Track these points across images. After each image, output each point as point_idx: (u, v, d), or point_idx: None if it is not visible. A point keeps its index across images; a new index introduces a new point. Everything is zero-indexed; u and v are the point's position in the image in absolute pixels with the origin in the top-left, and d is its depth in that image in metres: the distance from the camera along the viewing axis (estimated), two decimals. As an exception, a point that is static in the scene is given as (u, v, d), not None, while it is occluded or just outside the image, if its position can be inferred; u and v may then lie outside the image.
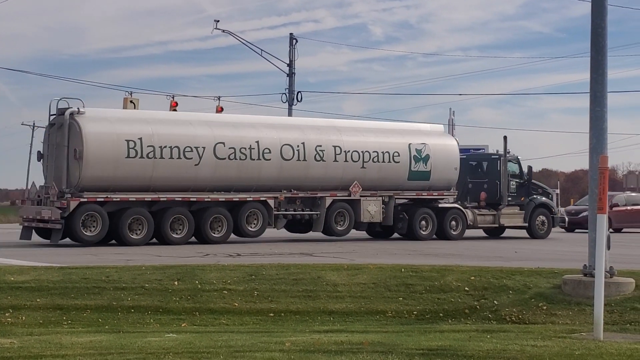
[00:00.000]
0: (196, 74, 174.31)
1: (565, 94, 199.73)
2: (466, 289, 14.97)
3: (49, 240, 25.07)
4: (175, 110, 36.44)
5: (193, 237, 26.13)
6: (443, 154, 30.29)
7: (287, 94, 48.72)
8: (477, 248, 25.98)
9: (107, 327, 12.79)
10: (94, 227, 24.60)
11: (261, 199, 26.73)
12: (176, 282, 15.33)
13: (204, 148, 25.83)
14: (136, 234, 25.03)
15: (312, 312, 14.19)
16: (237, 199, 26.41)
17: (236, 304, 14.48)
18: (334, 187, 28.16)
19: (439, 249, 25.18)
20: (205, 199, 25.94)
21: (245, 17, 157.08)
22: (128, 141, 24.81)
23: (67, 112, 24.63)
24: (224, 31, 48.69)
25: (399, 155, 29.67)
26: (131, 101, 41.67)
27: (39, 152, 26.41)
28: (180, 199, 25.55)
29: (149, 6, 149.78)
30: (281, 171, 27.17)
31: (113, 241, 25.46)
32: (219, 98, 46.99)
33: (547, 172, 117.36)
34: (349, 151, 28.40)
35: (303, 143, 27.57)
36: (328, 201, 27.86)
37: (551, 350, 9.07)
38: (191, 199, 25.71)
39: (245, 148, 26.53)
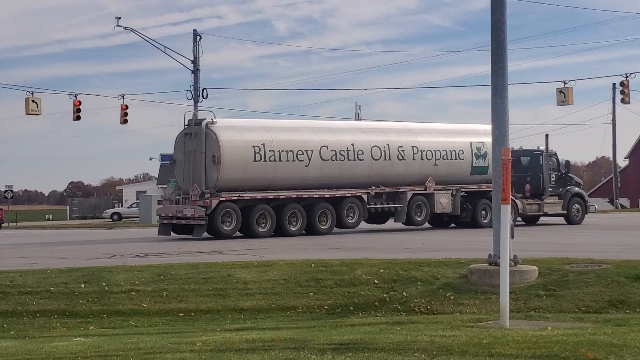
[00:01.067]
0: (99, 72, 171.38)
1: (468, 86, 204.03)
2: (375, 281, 15.11)
3: (187, 236, 28.73)
4: (79, 109, 36.27)
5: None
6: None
7: (192, 91, 48.27)
8: (384, 240, 26.25)
9: (12, 332, 12.48)
10: (229, 222, 28.40)
11: (357, 194, 30.72)
12: (82, 285, 15.05)
13: (312, 151, 29.86)
14: (262, 227, 28.75)
15: (222, 311, 14.12)
16: (339, 195, 30.36)
17: (145, 305, 14.30)
18: (413, 182, 32.14)
19: (347, 242, 25.35)
20: (314, 196, 29.88)
21: (147, 13, 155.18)
22: (254, 146, 28.72)
23: (204, 123, 28.55)
24: (125, 28, 47.94)
25: (463, 153, 33.72)
26: (33, 100, 40.46)
27: (172, 157, 30.28)
28: (295, 196, 29.51)
29: (47, 4, 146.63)
30: (371, 169, 31.13)
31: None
32: (122, 96, 46.43)
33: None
34: (424, 150, 32.51)
35: (388, 144, 31.61)
36: (409, 195, 31.93)
37: (459, 339, 9.21)
38: (303, 196, 29.71)
39: (343, 150, 30.57)
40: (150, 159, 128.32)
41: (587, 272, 14.52)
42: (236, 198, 28.33)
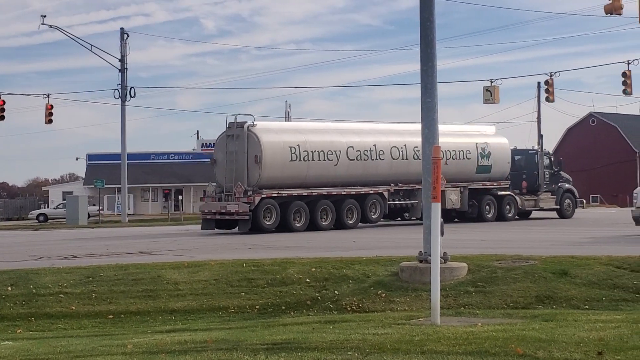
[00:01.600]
0: (24, 71, 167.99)
1: (397, 85, 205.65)
2: (307, 280, 15.13)
3: (228, 230, 30.69)
4: (3, 109, 35.87)
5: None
6: (499, 151, 37.56)
7: (120, 90, 47.65)
8: (316, 239, 26.30)
9: None
10: (269, 217, 30.74)
11: (379, 191, 33.42)
12: (9, 288, 14.74)
13: (340, 151, 32.53)
14: (297, 222, 31.23)
15: (153, 312, 13.97)
16: (363, 192, 32.97)
17: (74, 307, 14.06)
18: None
19: (279, 241, 25.32)
20: (342, 193, 32.38)
21: (73, 11, 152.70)
22: (290, 147, 31.26)
23: (246, 126, 30.95)
24: (51, 26, 47.17)
25: (470, 153, 36.56)
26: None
27: (212, 157, 32.74)
28: (325, 193, 31.97)
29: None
30: (391, 168, 33.87)
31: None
32: (48, 96, 45.65)
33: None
34: None
35: (405, 145, 34.28)
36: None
37: (391, 337, 9.27)
38: (332, 193, 32.15)
39: (367, 150, 33.31)
40: (77, 159, 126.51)
41: (515, 268, 14.76)
42: (275, 195, 30.78)
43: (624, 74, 38.19)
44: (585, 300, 13.16)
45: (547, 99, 44.26)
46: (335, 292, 14.49)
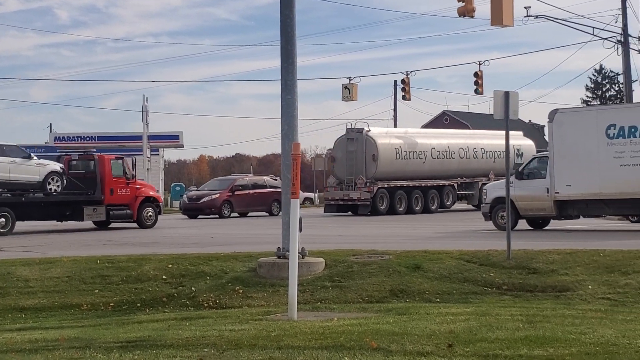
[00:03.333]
0: None
1: (256, 81, 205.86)
2: (164, 277, 14.94)
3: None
4: None
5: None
6: (528, 151, 43.60)
7: (-31, 79, 45.82)
8: (173, 236, 26.02)
9: None
10: (382, 203, 38.16)
11: (451, 183, 41.44)
12: None
13: (426, 152, 40.78)
14: (400, 207, 38.72)
15: (2, 310, 13.50)
16: (441, 184, 40.96)
17: None
18: (481, 174, 42.34)
19: (135, 237, 24.91)
20: (428, 184, 40.28)
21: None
22: (395, 148, 39.50)
23: (364, 131, 38.96)
24: None
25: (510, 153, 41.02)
26: None
27: (331, 155, 40.93)
28: (417, 184, 39.81)
29: None
30: (459, 165, 42.17)
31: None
32: None
33: (240, 157, 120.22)
34: (488, 151, 43.46)
35: (467, 147, 42.84)
36: (479, 184, 40.95)
37: (249, 333, 9.27)
38: (421, 184, 40.00)
39: (444, 151, 41.64)
40: None
41: (370, 263, 15.04)
42: (386, 186, 38.40)
43: (475, 74, 39.43)
44: (437, 294, 13.54)
45: (404, 98, 45.21)
46: (192, 288, 14.37)
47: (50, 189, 28.29)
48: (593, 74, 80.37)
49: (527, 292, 13.51)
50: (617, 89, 77.79)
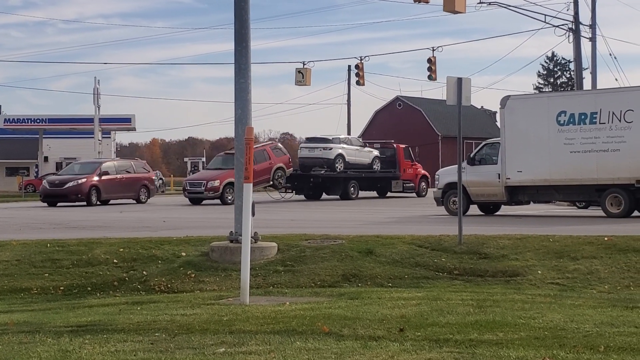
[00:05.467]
0: None
1: (209, 64, 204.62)
2: (115, 261, 14.82)
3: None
4: None
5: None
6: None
7: None
8: (124, 219, 25.80)
9: None
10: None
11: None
12: None
13: None
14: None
15: (-51, 295, 13.27)
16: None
17: None
18: None
19: (85, 221, 24.65)
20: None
21: None
22: None
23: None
24: None
25: None
26: None
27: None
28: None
29: None
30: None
31: None
32: None
33: (193, 141, 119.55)
34: None
35: None
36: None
37: (200, 317, 9.25)
38: None
39: None
40: None
41: (323, 247, 15.06)
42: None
43: (429, 60, 39.63)
44: (389, 278, 13.62)
45: (358, 83, 45.29)
46: (144, 272, 14.28)
47: (374, 169, 39.86)
48: (545, 61, 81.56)
49: (478, 277, 13.64)
50: (568, 76, 78.92)
